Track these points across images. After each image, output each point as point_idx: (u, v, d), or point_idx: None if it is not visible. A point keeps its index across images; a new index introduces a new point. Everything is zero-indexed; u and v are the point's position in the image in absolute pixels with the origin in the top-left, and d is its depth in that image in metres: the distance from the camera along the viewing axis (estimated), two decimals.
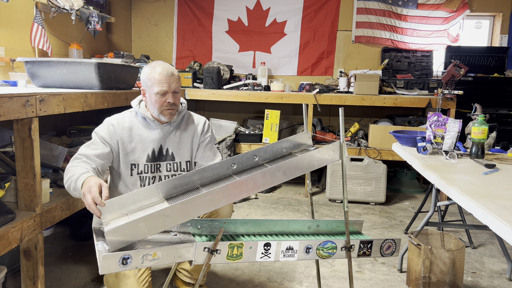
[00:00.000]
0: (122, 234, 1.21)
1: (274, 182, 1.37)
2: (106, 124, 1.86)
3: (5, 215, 1.65)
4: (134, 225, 1.22)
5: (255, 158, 1.56)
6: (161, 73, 1.79)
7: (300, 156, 1.42)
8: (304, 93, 3.98)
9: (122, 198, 1.39)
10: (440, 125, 2.36)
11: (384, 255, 1.56)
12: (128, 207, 1.39)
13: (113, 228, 1.21)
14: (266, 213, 3.45)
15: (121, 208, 1.38)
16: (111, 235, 1.20)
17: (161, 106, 1.81)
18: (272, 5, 4.70)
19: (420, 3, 4.49)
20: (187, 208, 1.26)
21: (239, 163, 1.54)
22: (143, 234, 1.23)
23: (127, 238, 1.22)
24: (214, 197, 1.29)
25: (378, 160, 3.76)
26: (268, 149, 1.59)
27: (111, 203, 1.36)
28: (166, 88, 1.78)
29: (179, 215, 1.26)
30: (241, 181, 1.32)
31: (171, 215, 1.24)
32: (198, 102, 4.81)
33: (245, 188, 1.33)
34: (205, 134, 1.99)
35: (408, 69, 4.53)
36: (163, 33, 4.92)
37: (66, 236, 2.82)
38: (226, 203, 1.32)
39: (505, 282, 2.34)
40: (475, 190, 1.59)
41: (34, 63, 2.34)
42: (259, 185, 1.34)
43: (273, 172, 1.36)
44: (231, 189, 1.31)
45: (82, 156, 1.71)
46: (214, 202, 1.29)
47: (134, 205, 1.40)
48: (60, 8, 3.04)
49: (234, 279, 2.30)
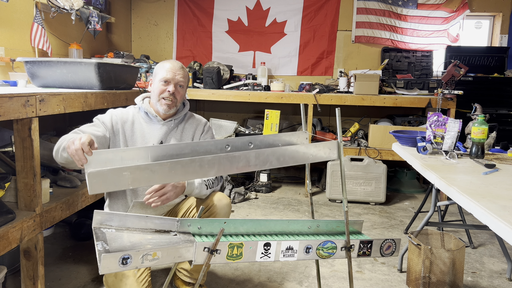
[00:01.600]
0: (104, 179, 1.17)
1: (267, 165, 1.35)
2: (109, 113, 1.92)
3: (5, 215, 1.65)
4: (118, 173, 1.18)
5: (250, 145, 1.54)
6: (171, 63, 1.89)
7: (296, 146, 1.41)
8: (304, 93, 3.98)
9: (110, 152, 1.36)
10: (440, 125, 2.36)
11: (384, 255, 1.56)
12: (114, 163, 1.35)
13: (96, 171, 1.16)
14: (266, 213, 3.45)
15: (107, 163, 1.34)
16: (93, 177, 1.16)
17: (160, 93, 1.86)
18: (272, 5, 4.70)
19: (420, 3, 4.49)
20: (175, 170, 1.23)
21: (233, 146, 1.52)
22: (126, 184, 1.19)
23: (109, 185, 1.18)
24: (204, 165, 1.26)
25: (378, 160, 3.76)
26: (265, 140, 1.57)
27: (98, 154, 1.33)
28: (170, 76, 1.85)
29: (166, 174, 1.22)
30: (234, 155, 1.30)
31: (158, 171, 1.21)
32: (198, 102, 4.81)
33: (236, 164, 1.30)
34: (205, 135, 2.00)
35: (408, 69, 4.53)
36: (163, 33, 4.92)
37: (66, 236, 2.82)
38: (215, 174, 1.29)
39: (505, 282, 2.34)
40: (475, 190, 1.59)
41: (34, 63, 2.34)
42: (251, 164, 1.32)
43: (267, 155, 1.34)
44: (222, 161, 1.28)
45: (80, 131, 1.73)
46: (204, 170, 1.26)
47: (120, 162, 1.36)
48: (60, 8, 3.04)
49: (234, 279, 2.30)
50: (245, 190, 3.84)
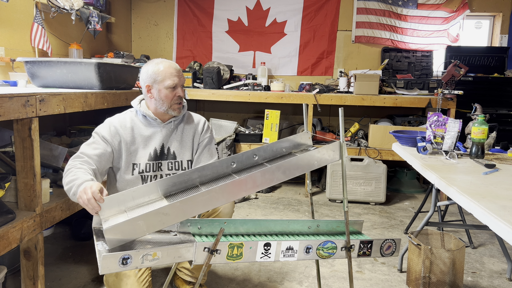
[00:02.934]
0: (120, 232, 1.21)
1: (274, 181, 1.37)
2: (107, 124, 1.85)
3: (5, 215, 1.65)
4: (133, 223, 1.21)
5: (254, 157, 1.56)
6: (170, 67, 1.82)
7: (299, 155, 1.41)
8: (304, 93, 3.98)
9: (120, 195, 1.38)
10: (440, 125, 2.36)
11: (384, 255, 1.56)
12: (126, 204, 1.38)
13: (111, 226, 1.20)
14: (266, 213, 3.45)
15: (120, 205, 1.37)
16: (109, 233, 1.20)
17: (171, 100, 1.83)
18: (272, 5, 4.70)
19: (420, 3, 4.49)
20: (186, 207, 1.26)
21: (239, 161, 1.54)
22: (142, 232, 1.23)
23: (126, 237, 1.22)
24: (213, 196, 1.29)
25: (378, 160, 3.76)
26: (268, 149, 1.59)
27: (110, 200, 1.36)
28: (176, 81, 1.82)
29: (178, 213, 1.25)
30: (240, 180, 1.32)
31: (170, 213, 1.24)
32: (198, 102, 4.81)
33: (244, 187, 1.33)
34: (204, 134, 1.99)
35: (408, 69, 4.53)
36: (163, 33, 4.92)
37: (66, 236, 2.82)
38: (225, 202, 1.32)
39: (505, 282, 2.34)
40: (475, 190, 1.59)
41: (34, 63, 2.34)
42: (258, 184, 1.34)
43: (273, 172, 1.36)
44: (230, 188, 1.31)
45: (83, 155, 1.70)
46: (213, 201, 1.29)
47: (132, 202, 1.39)
48: (60, 8, 3.04)
49: (234, 279, 2.30)
50: None
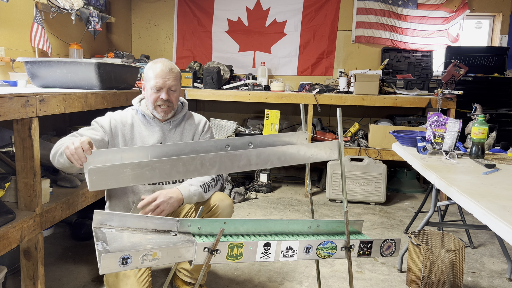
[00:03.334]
0: (105, 175, 1.17)
1: (268, 164, 1.35)
2: (108, 116, 1.88)
3: (5, 215, 1.65)
4: (119, 169, 1.18)
5: (250, 145, 1.55)
6: (160, 68, 1.81)
7: (297, 146, 1.41)
8: (304, 93, 3.98)
9: (109, 152, 1.36)
10: (440, 125, 2.36)
11: (384, 255, 1.56)
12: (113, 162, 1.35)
13: (97, 167, 1.16)
14: (266, 213, 3.45)
15: (106, 162, 1.34)
16: (93, 174, 1.15)
17: (155, 101, 1.83)
18: (272, 5, 4.70)
19: (420, 3, 4.49)
20: (177, 167, 1.22)
21: (234, 146, 1.51)
22: (127, 181, 1.19)
23: (109, 181, 1.18)
24: (205, 163, 1.25)
25: (378, 160, 3.76)
26: (265, 140, 1.57)
27: (98, 154, 1.34)
28: (160, 84, 1.79)
29: (167, 171, 1.22)
30: (235, 154, 1.29)
31: (158, 168, 1.20)
32: (198, 102, 4.81)
33: (237, 163, 1.30)
34: (205, 134, 1.99)
35: (408, 69, 4.53)
36: (163, 33, 4.92)
37: (66, 236, 2.82)
38: (216, 172, 1.28)
39: (505, 282, 2.34)
40: (475, 190, 1.59)
41: (34, 63, 2.34)
42: (252, 163, 1.31)
43: (268, 155, 1.34)
44: (224, 159, 1.28)
45: (79, 135, 1.70)
46: (205, 168, 1.25)
47: (120, 162, 1.35)
48: (60, 8, 3.04)
49: (234, 279, 2.30)
50: (245, 190, 3.84)
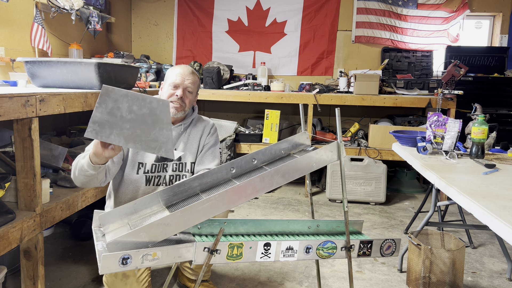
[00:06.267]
0: (123, 245, 1.21)
1: (273, 185, 1.37)
2: None
3: (5, 215, 1.65)
4: (135, 235, 1.22)
5: (253, 161, 1.56)
6: (182, 68, 1.92)
7: (298, 158, 1.41)
8: (304, 93, 3.98)
9: (122, 208, 1.39)
10: (440, 125, 2.36)
11: (384, 255, 1.56)
12: (129, 217, 1.39)
13: (113, 240, 1.20)
14: (266, 213, 3.45)
15: (122, 218, 1.38)
16: (112, 247, 1.20)
17: (169, 97, 1.87)
18: (272, 5, 4.70)
19: (420, 3, 4.49)
20: (187, 216, 1.26)
21: (238, 166, 1.55)
22: (144, 244, 1.24)
23: (128, 248, 1.22)
24: (213, 204, 1.29)
25: (378, 160, 3.76)
26: (267, 152, 1.59)
27: (112, 214, 1.37)
28: (179, 81, 1.87)
29: (179, 223, 1.26)
30: (240, 186, 1.32)
31: (171, 223, 1.25)
32: (198, 102, 4.79)
33: (244, 193, 1.33)
34: (210, 136, 2.02)
35: (408, 69, 4.53)
36: (163, 33, 4.92)
37: (66, 236, 2.82)
38: (225, 209, 1.32)
39: (505, 282, 2.34)
40: (475, 190, 1.59)
41: (34, 63, 2.34)
42: (258, 189, 1.35)
43: (272, 176, 1.36)
44: (230, 195, 1.31)
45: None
46: (214, 209, 1.29)
47: (135, 214, 1.40)
48: (60, 8, 3.04)
49: (234, 279, 2.30)
50: None
